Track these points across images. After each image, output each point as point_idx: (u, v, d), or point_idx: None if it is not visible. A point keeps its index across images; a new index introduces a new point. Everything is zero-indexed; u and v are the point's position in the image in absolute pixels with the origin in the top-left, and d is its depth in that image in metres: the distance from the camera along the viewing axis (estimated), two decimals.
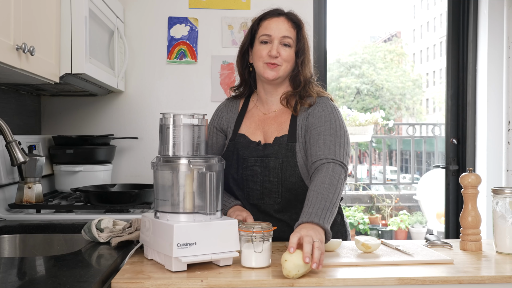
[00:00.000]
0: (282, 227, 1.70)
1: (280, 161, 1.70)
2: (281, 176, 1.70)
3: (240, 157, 1.75)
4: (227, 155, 1.78)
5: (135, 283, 1.24)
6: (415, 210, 7.83)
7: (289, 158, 1.70)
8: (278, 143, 1.73)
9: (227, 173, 1.74)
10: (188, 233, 1.32)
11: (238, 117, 1.84)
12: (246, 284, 1.27)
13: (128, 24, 2.93)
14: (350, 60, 24.13)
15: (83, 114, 2.93)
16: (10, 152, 1.61)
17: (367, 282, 1.30)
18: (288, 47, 1.74)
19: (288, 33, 1.74)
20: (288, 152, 1.71)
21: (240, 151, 1.76)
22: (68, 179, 2.58)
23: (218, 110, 1.91)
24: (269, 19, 1.77)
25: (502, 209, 1.59)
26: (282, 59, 1.73)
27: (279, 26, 1.74)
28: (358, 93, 23.32)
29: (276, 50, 1.72)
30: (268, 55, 1.72)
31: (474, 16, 3.24)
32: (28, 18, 1.72)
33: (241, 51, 1.83)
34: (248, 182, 1.74)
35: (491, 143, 3.17)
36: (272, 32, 1.74)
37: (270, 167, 1.71)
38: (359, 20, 40.61)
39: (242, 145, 1.77)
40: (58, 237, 1.83)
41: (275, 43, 1.73)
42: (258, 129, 1.80)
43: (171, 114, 1.42)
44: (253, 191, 1.74)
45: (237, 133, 1.81)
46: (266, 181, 1.72)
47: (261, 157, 1.73)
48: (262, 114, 1.82)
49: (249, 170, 1.73)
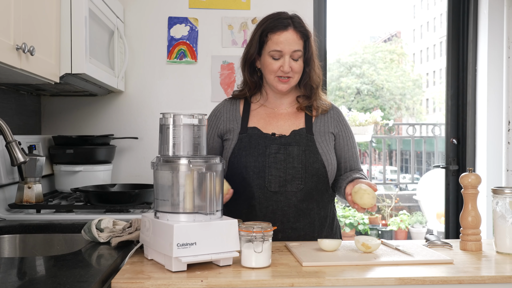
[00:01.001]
0: (298, 217, 1.77)
1: (303, 149, 1.79)
2: (305, 162, 1.77)
3: (260, 145, 1.78)
4: (241, 146, 1.80)
5: (135, 283, 1.24)
6: (415, 210, 7.83)
7: (310, 147, 1.80)
8: (297, 134, 1.81)
9: (244, 162, 1.77)
10: (188, 233, 1.32)
11: (244, 113, 1.87)
12: (246, 284, 1.27)
13: (128, 24, 2.93)
14: (350, 60, 24.13)
15: (83, 114, 2.93)
16: (10, 152, 1.61)
17: (367, 282, 1.30)
18: (299, 59, 1.80)
19: (298, 46, 1.78)
20: (309, 142, 1.80)
21: (259, 140, 1.79)
22: (68, 179, 2.58)
23: (216, 111, 1.91)
24: (278, 34, 1.77)
25: (502, 209, 1.59)
26: (294, 71, 1.79)
27: (289, 41, 1.77)
28: (358, 93, 23.32)
29: (287, 66, 1.77)
30: (280, 71, 1.78)
31: (474, 16, 3.24)
32: (28, 18, 1.72)
33: (247, 58, 1.84)
34: (271, 169, 1.77)
35: (491, 143, 3.17)
36: (283, 47, 1.77)
37: (294, 154, 1.78)
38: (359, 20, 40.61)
39: (257, 136, 1.81)
40: (58, 237, 1.83)
41: (286, 58, 1.77)
42: (269, 124, 1.85)
43: (171, 114, 1.42)
44: (275, 178, 1.76)
45: (247, 126, 1.83)
46: (290, 167, 1.77)
47: (284, 145, 1.78)
48: (272, 111, 1.88)
49: (272, 157, 1.77)
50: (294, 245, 1.61)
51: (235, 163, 1.78)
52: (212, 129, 1.88)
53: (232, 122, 1.86)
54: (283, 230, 1.76)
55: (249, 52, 1.83)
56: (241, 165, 1.77)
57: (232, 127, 1.85)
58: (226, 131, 1.86)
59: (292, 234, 1.77)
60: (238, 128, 1.84)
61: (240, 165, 1.77)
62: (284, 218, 1.76)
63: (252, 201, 1.77)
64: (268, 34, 1.78)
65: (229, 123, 1.86)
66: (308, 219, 1.79)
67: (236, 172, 1.78)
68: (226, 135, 1.86)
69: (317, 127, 1.85)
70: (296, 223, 1.77)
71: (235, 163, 1.78)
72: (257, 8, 2.98)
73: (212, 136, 1.88)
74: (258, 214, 1.76)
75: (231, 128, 1.85)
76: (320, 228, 1.82)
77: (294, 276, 1.30)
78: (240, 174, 1.77)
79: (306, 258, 1.45)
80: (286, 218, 1.76)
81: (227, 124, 1.86)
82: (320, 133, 1.84)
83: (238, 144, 1.81)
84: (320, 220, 1.82)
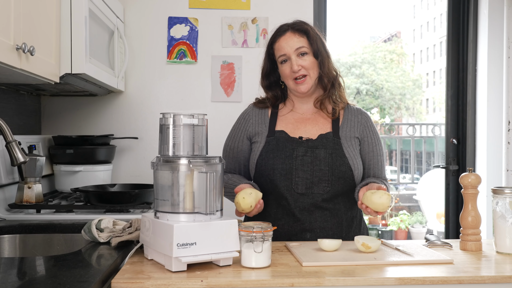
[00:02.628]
0: (325, 216, 1.80)
1: (329, 152, 1.81)
2: (331, 165, 1.79)
3: (288, 148, 1.81)
4: (269, 148, 1.83)
5: (135, 283, 1.24)
6: (415, 210, 7.84)
7: (337, 150, 1.82)
8: (324, 138, 1.83)
9: (271, 165, 1.80)
10: (188, 233, 1.32)
11: (272, 117, 1.91)
12: (246, 284, 1.27)
13: (128, 24, 2.93)
14: (350, 60, 24.12)
15: (83, 114, 2.93)
16: (10, 152, 1.61)
17: (367, 282, 1.30)
18: (306, 55, 1.83)
19: (299, 44, 1.83)
20: (336, 145, 1.83)
21: (286, 143, 1.82)
22: (68, 179, 2.58)
23: (245, 114, 1.95)
24: (278, 40, 1.86)
25: (502, 209, 1.59)
26: (305, 68, 1.83)
27: (288, 43, 1.83)
28: (358, 93, 23.31)
29: (296, 64, 1.81)
30: (292, 72, 1.82)
31: (474, 16, 3.24)
32: (28, 18, 1.72)
33: (264, 74, 1.93)
34: (298, 171, 1.79)
35: (491, 143, 3.17)
36: (285, 50, 1.83)
37: (320, 157, 1.80)
38: (359, 20, 40.62)
39: (285, 139, 1.84)
40: (58, 237, 1.83)
41: (293, 58, 1.82)
42: (297, 128, 1.87)
43: (171, 114, 1.42)
44: (302, 180, 1.78)
45: (275, 130, 1.87)
46: (317, 170, 1.79)
47: (311, 148, 1.81)
48: (299, 116, 1.91)
49: (299, 160, 1.79)
50: (294, 245, 1.61)
51: (263, 165, 1.81)
52: (241, 131, 1.92)
53: (260, 125, 1.90)
54: (312, 230, 1.79)
55: (263, 68, 1.93)
56: (268, 167, 1.80)
57: (260, 130, 1.89)
58: (254, 133, 1.89)
59: (321, 233, 1.79)
60: (266, 131, 1.87)
61: (267, 167, 1.80)
62: (312, 218, 1.78)
63: (282, 201, 1.80)
64: (272, 45, 1.87)
65: (258, 126, 1.90)
66: (336, 219, 1.82)
67: (263, 174, 1.81)
68: (254, 138, 1.89)
69: (344, 131, 1.87)
70: (324, 222, 1.80)
71: (262, 165, 1.81)
72: (257, 8, 2.98)
73: (241, 138, 1.91)
74: (288, 213, 1.79)
75: (259, 131, 1.89)
76: (347, 228, 1.84)
77: (294, 276, 1.30)
78: (268, 176, 1.80)
79: (306, 258, 1.45)
80: (314, 218, 1.78)
81: (255, 127, 1.90)
82: (347, 138, 1.85)
83: (266, 146, 1.84)
84: (348, 221, 1.85)
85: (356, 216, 1.89)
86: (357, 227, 1.89)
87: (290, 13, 2.94)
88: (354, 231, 1.87)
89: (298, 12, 2.96)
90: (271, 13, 2.96)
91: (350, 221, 1.86)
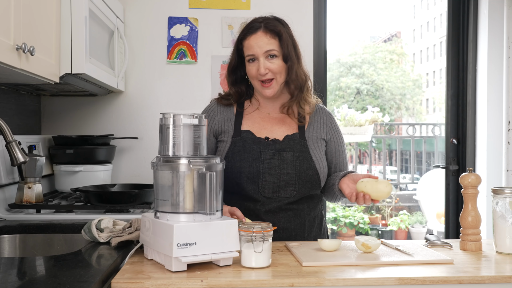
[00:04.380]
0: (288, 217, 1.78)
1: (296, 155, 1.78)
2: (298, 168, 1.77)
3: (255, 150, 1.78)
4: (235, 150, 1.79)
5: (135, 283, 1.24)
6: (415, 210, 7.83)
7: (304, 153, 1.79)
8: (291, 139, 1.80)
9: (238, 168, 1.76)
10: (188, 233, 1.32)
11: (237, 115, 1.85)
12: (246, 284, 1.27)
13: (128, 24, 2.93)
14: (350, 60, 24.12)
15: (83, 114, 2.93)
16: (10, 152, 1.61)
17: (367, 282, 1.30)
18: (275, 57, 1.76)
19: (270, 46, 1.75)
20: (302, 148, 1.79)
21: (253, 145, 1.78)
22: (68, 179, 2.58)
23: (209, 110, 1.89)
24: (249, 38, 1.78)
25: (502, 209, 1.59)
26: (273, 72, 1.76)
27: (258, 43, 1.75)
28: (358, 93, 23.31)
29: (263, 68, 1.75)
30: (258, 74, 1.76)
31: (474, 16, 3.24)
32: (28, 18, 1.71)
33: (230, 69, 1.86)
34: (265, 175, 1.76)
35: (491, 143, 3.17)
36: (254, 51, 1.76)
37: (288, 160, 1.77)
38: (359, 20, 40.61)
39: (251, 140, 1.79)
40: (58, 237, 1.83)
41: (261, 60, 1.75)
42: (263, 128, 1.83)
43: (171, 114, 1.42)
44: (269, 184, 1.76)
45: (241, 129, 1.82)
46: (284, 173, 1.76)
47: (278, 150, 1.77)
48: (266, 114, 1.86)
49: (266, 163, 1.76)
50: (294, 245, 1.61)
51: (229, 168, 1.77)
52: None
53: (226, 123, 1.85)
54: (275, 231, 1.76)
55: (230, 62, 1.85)
56: (235, 170, 1.76)
57: (226, 129, 1.84)
58: (220, 131, 1.85)
59: (284, 234, 1.77)
60: (232, 131, 1.83)
61: (234, 170, 1.76)
62: (276, 219, 1.77)
63: (247, 202, 1.78)
64: (242, 41, 1.80)
65: (223, 123, 1.85)
66: (298, 219, 1.81)
67: (230, 176, 1.77)
68: (220, 136, 1.85)
69: (310, 133, 1.84)
70: (288, 223, 1.79)
71: (229, 167, 1.77)
72: (257, 8, 2.98)
73: (207, 136, 1.85)
74: (252, 214, 1.77)
75: (225, 129, 1.84)
76: (309, 229, 1.84)
77: (294, 276, 1.30)
78: (234, 178, 1.77)
79: (306, 258, 1.45)
80: (277, 219, 1.77)
81: (221, 125, 1.85)
82: (313, 139, 1.84)
83: (232, 148, 1.80)
84: (310, 221, 1.84)
85: (317, 216, 1.88)
86: (318, 227, 1.88)
87: (290, 13, 2.94)
88: (315, 231, 1.86)
89: (298, 12, 2.96)
90: (271, 13, 2.94)
91: (312, 221, 1.85)
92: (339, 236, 6.84)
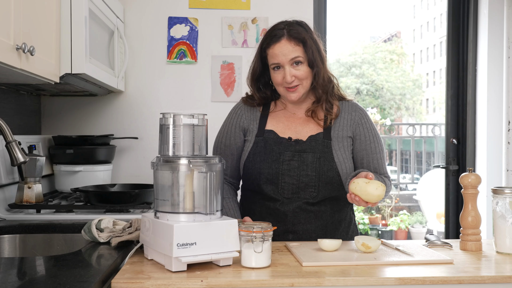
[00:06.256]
0: (309, 218, 1.77)
1: (317, 156, 1.76)
2: (319, 170, 1.75)
3: (275, 151, 1.77)
4: (257, 151, 1.79)
5: (135, 283, 1.24)
6: (415, 210, 7.84)
7: (326, 154, 1.76)
8: (314, 140, 1.78)
9: (257, 168, 1.76)
10: (188, 233, 1.32)
11: (262, 114, 1.85)
12: (246, 284, 1.27)
13: (128, 24, 2.93)
14: (350, 60, 24.12)
15: (83, 114, 2.93)
16: (10, 152, 1.61)
17: (367, 282, 1.30)
18: (300, 64, 1.75)
19: (295, 54, 1.74)
20: (325, 148, 1.77)
21: (274, 146, 1.78)
22: (68, 179, 2.58)
23: (237, 108, 1.90)
24: (273, 46, 1.75)
25: (502, 209, 1.59)
26: (299, 78, 1.75)
27: (283, 51, 1.74)
28: (358, 93, 23.31)
29: (289, 76, 1.74)
30: (284, 81, 1.75)
31: (474, 16, 3.24)
32: (28, 18, 1.71)
33: (256, 77, 1.84)
34: (284, 176, 1.75)
35: (491, 143, 3.17)
36: (279, 59, 1.74)
37: (308, 162, 1.75)
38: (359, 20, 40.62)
39: (273, 141, 1.79)
40: (58, 237, 1.83)
41: (286, 68, 1.74)
42: (287, 127, 1.83)
43: (171, 114, 1.42)
44: (288, 186, 1.75)
45: (264, 129, 1.82)
46: (303, 175, 1.75)
47: (298, 152, 1.76)
48: (291, 115, 1.85)
49: (286, 165, 1.75)
50: (294, 245, 1.61)
51: (250, 168, 1.78)
52: (234, 126, 1.86)
53: (252, 122, 1.85)
54: (294, 231, 1.77)
55: (253, 68, 1.85)
56: (255, 171, 1.77)
57: (251, 127, 1.84)
58: (247, 130, 1.85)
59: (304, 235, 1.76)
60: (256, 130, 1.83)
61: (254, 171, 1.77)
62: (296, 220, 1.76)
63: (267, 202, 1.78)
64: (266, 49, 1.78)
65: (250, 122, 1.85)
66: (320, 221, 1.79)
67: (250, 177, 1.79)
68: (246, 135, 1.86)
69: (336, 131, 1.80)
70: (308, 224, 1.77)
71: (249, 168, 1.78)
72: (257, 8, 2.98)
73: (236, 132, 1.85)
74: (272, 214, 1.77)
75: (250, 128, 1.85)
76: (333, 232, 1.81)
77: (294, 276, 1.30)
78: (255, 180, 1.78)
79: (306, 258, 1.45)
80: (298, 220, 1.76)
81: (248, 123, 1.86)
82: (338, 138, 1.79)
83: (254, 148, 1.80)
84: (334, 224, 1.81)
85: (344, 219, 1.85)
86: (345, 231, 1.85)
87: (290, 13, 2.93)
88: (341, 234, 1.82)
89: (298, 12, 2.96)
90: (271, 13, 2.95)
91: (337, 224, 1.82)
92: None
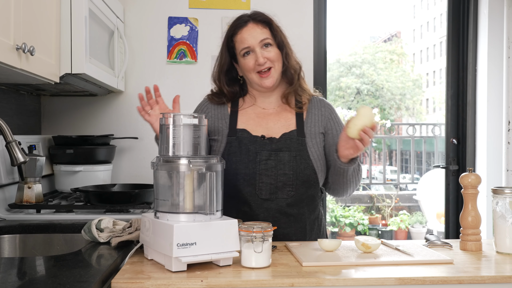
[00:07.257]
0: (289, 222, 1.75)
1: (293, 155, 1.74)
2: (296, 168, 1.73)
3: (251, 151, 1.74)
4: (231, 150, 1.76)
5: (135, 283, 1.24)
6: (415, 210, 7.84)
7: (301, 152, 1.75)
8: (288, 137, 1.76)
9: (234, 169, 1.74)
10: (188, 233, 1.32)
11: (232, 112, 1.83)
12: (246, 284, 1.27)
13: (128, 24, 2.93)
14: (350, 60, 24.12)
15: (83, 114, 2.93)
16: (10, 152, 1.61)
17: (367, 282, 1.30)
18: (270, 46, 1.76)
19: (263, 35, 1.76)
20: (300, 146, 1.75)
21: (249, 146, 1.75)
22: (68, 179, 2.58)
23: (202, 106, 1.88)
24: (240, 31, 1.77)
25: (502, 209, 1.59)
26: (271, 60, 1.75)
27: (252, 34, 1.75)
28: (358, 93, 23.31)
29: (261, 57, 1.74)
30: (256, 65, 1.74)
31: (474, 16, 3.24)
32: (28, 18, 1.72)
33: (225, 70, 1.83)
34: (262, 176, 1.73)
35: (491, 143, 3.17)
36: (249, 42, 1.75)
37: (284, 161, 1.73)
38: (359, 20, 40.62)
39: (247, 140, 1.76)
40: (58, 237, 1.83)
41: (257, 50, 1.74)
42: (259, 125, 1.80)
43: (171, 114, 1.42)
44: (266, 185, 1.73)
45: (236, 128, 1.79)
46: (281, 174, 1.73)
47: (274, 150, 1.74)
48: (261, 110, 1.83)
49: (263, 164, 1.73)
50: (294, 245, 1.61)
51: (226, 169, 1.73)
52: None
53: (220, 120, 1.82)
54: (274, 236, 1.74)
55: (220, 62, 1.83)
56: (231, 171, 1.73)
57: (220, 127, 1.81)
58: (213, 130, 1.82)
59: (284, 239, 1.74)
60: (227, 129, 1.80)
61: (230, 172, 1.73)
62: (275, 224, 1.72)
63: (243, 206, 1.75)
64: (233, 37, 1.79)
65: (217, 121, 1.82)
66: (299, 223, 1.77)
67: (226, 178, 1.73)
68: (213, 135, 1.82)
69: (308, 127, 1.80)
70: (287, 228, 1.75)
71: (225, 168, 1.75)
72: (257, 8, 2.95)
73: None
74: (249, 219, 1.72)
75: (219, 127, 1.81)
76: (310, 232, 1.81)
77: (294, 276, 1.30)
78: (231, 180, 1.74)
79: (306, 258, 1.45)
80: (277, 224, 1.72)
81: (214, 122, 1.83)
82: (311, 135, 1.79)
83: (227, 148, 1.77)
84: (310, 224, 1.81)
85: (317, 218, 1.85)
86: (318, 229, 1.85)
87: (290, 13, 2.94)
88: (315, 233, 1.83)
89: (298, 12, 2.96)
90: (271, 13, 2.95)
91: (312, 224, 1.82)
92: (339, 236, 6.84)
